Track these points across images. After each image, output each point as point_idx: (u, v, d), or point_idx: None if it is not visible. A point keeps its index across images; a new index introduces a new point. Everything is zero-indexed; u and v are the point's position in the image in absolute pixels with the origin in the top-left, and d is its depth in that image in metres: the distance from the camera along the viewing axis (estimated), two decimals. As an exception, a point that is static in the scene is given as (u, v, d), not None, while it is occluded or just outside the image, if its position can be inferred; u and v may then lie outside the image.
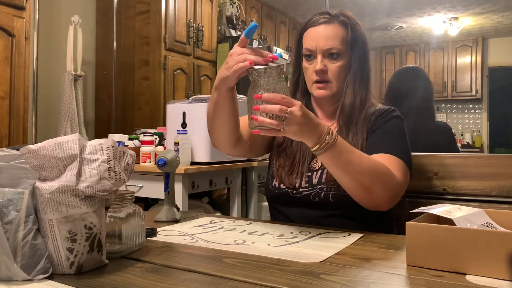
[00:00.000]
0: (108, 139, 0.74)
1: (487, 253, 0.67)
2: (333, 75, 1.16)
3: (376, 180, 0.99)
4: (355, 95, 1.17)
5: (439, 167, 1.33)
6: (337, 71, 1.16)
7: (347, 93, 1.17)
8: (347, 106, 1.17)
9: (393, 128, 1.15)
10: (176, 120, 2.47)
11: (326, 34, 1.15)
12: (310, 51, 1.17)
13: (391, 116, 1.18)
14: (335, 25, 1.17)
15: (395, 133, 1.15)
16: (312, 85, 1.18)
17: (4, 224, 0.64)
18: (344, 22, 1.17)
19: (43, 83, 3.28)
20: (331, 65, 1.15)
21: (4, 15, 2.67)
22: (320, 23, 1.17)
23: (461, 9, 5.35)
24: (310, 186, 1.14)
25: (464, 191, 1.29)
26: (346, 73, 1.17)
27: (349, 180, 0.99)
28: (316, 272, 0.71)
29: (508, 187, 1.24)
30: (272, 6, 5.30)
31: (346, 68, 1.17)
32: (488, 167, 1.27)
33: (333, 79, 1.16)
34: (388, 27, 6.10)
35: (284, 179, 1.17)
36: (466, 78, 6.33)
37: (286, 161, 1.20)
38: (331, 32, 1.16)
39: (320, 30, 1.16)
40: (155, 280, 0.67)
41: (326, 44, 1.14)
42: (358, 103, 1.17)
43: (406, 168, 1.08)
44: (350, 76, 1.17)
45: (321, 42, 1.15)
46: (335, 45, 1.15)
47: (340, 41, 1.15)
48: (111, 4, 3.75)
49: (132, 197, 0.84)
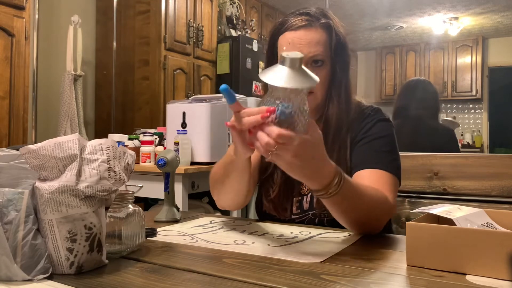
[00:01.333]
0: (108, 139, 0.74)
1: (487, 253, 0.67)
2: (317, 85, 1.03)
3: (373, 217, 0.93)
4: (340, 107, 1.07)
5: (439, 167, 1.33)
6: (322, 81, 1.04)
7: (331, 106, 1.08)
8: (332, 120, 1.07)
9: (379, 134, 1.07)
10: (176, 120, 2.47)
11: (308, 41, 1.03)
12: None
13: (376, 120, 1.09)
14: (317, 29, 1.05)
15: (382, 140, 1.07)
16: None
17: (4, 224, 0.64)
18: (327, 25, 1.06)
19: (43, 83, 3.28)
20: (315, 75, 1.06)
21: (4, 15, 2.67)
22: (299, 27, 1.04)
23: (461, 9, 5.35)
24: (301, 213, 1.11)
25: (464, 191, 1.29)
26: (330, 81, 1.08)
27: (346, 218, 0.92)
28: (316, 272, 0.71)
29: (508, 187, 1.24)
30: (272, 6, 5.30)
31: (329, 76, 1.07)
32: (488, 167, 1.27)
33: (317, 90, 1.05)
34: (388, 27, 6.10)
35: (274, 210, 1.11)
36: (466, 78, 6.33)
37: (274, 191, 1.11)
38: (314, 37, 1.04)
39: (300, 35, 1.04)
40: (155, 280, 0.67)
41: (310, 51, 1.03)
42: (344, 114, 1.08)
43: (396, 182, 1.03)
44: (334, 86, 1.08)
45: (303, 49, 1.03)
46: (319, 51, 1.04)
47: (323, 47, 1.04)
48: (111, 4, 3.75)
49: (132, 197, 0.84)
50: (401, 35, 6.44)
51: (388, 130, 1.10)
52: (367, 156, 1.05)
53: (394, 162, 1.05)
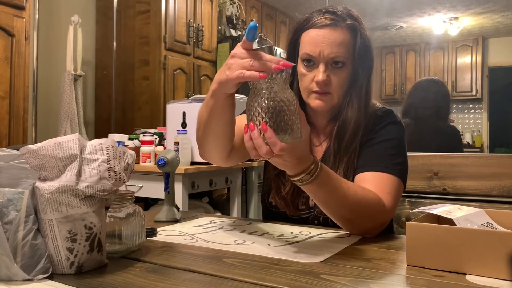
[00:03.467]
0: (108, 139, 0.74)
1: (487, 253, 0.67)
2: (335, 86, 1.04)
3: (360, 215, 0.93)
4: (360, 111, 1.06)
5: (439, 167, 1.33)
6: (341, 83, 1.04)
7: (351, 109, 1.06)
8: (351, 123, 1.06)
9: (386, 137, 1.07)
10: (176, 120, 2.48)
11: (332, 40, 1.02)
12: (311, 57, 1.03)
13: (386, 122, 1.09)
14: (342, 30, 1.03)
15: (388, 143, 1.06)
16: (310, 95, 1.06)
17: (4, 224, 0.64)
18: (352, 27, 1.04)
19: (43, 83, 3.28)
20: (335, 76, 1.03)
21: (4, 15, 2.67)
22: (324, 25, 1.03)
23: (461, 9, 5.36)
24: (307, 209, 1.11)
25: (464, 191, 1.29)
26: (349, 84, 1.06)
27: (329, 212, 0.94)
28: (316, 272, 0.71)
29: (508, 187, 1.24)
30: (272, 6, 5.30)
31: (349, 78, 1.06)
32: (488, 167, 1.27)
33: (334, 91, 1.05)
34: (388, 27, 6.10)
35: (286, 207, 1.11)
36: (466, 78, 6.33)
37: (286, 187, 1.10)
38: (338, 38, 1.02)
39: (324, 34, 1.02)
40: (155, 280, 0.67)
41: (332, 51, 1.01)
42: (363, 119, 1.07)
43: (398, 185, 1.02)
44: (355, 90, 1.06)
45: (326, 49, 1.01)
46: (341, 53, 1.02)
47: (346, 49, 1.03)
48: (111, 4, 3.75)
49: (132, 197, 0.84)
50: (401, 35, 6.45)
51: (396, 133, 1.09)
52: (370, 159, 1.04)
53: (398, 165, 1.04)
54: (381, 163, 1.02)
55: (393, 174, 1.01)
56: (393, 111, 1.13)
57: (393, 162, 1.03)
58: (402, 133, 1.10)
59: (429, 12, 5.49)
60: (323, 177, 0.86)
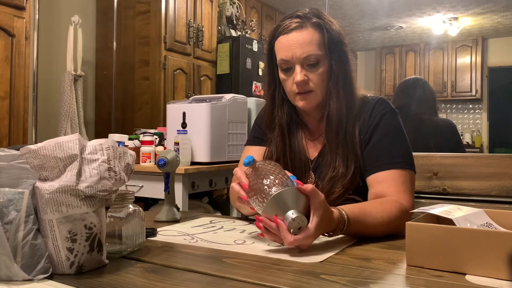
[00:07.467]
0: (108, 139, 0.74)
1: (487, 253, 0.67)
2: (315, 84, 1.08)
3: (392, 228, 0.97)
4: (340, 103, 1.09)
5: (439, 167, 1.33)
6: (319, 79, 1.08)
7: (331, 102, 1.10)
8: (334, 117, 1.10)
9: (387, 130, 1.10)
10: (176, 120, 2.47)
11: (300, 41, 1.06)
12: (286, 62, 1.08)
13: (382, 114, 1.11)
14: (308, 30, 1.07)
15: (390, 136, 1.09)
16: (295, 97, 1.11)
17: (4, 224, 0.64)
18: (318, 24, 1.08)
19: (43, 83, 3.28)
20: (312, 74, 1.07)
21: (4, 15, 2.67)
22: (292, 29, 1.07)
23: (461, 9, 5.36)
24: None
25: (464, 191, 1.30)
26: (329, 79, 1.10)
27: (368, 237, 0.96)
28: (316, 272, 0.71)
29: (508, 187, 1.24)
30: (272, 6, 5.30)
31: (328, 73, 1.09)
32: (488, 167, 1.27)
33: (316, 88, 1.09)
34: (388, 27, 6.10)
35: None
36: (466, 78, 6.33)
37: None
38: (306, 38, 1.06)
39: (292, 37, 1.07)
40: (155, 280, 0.67)
41: (303, 52, 1.06)
42: (345, 110, 1.10)
43: (411, 176, 1.06)
44: (332, 82, 1.09)
45: (296, 50, 1.06)
46: (313, 51, 1.06)
47: (317, 46, 1.07)
48: (111, 4, 3.75)
49: (132, 197, 0.84)
50: (401, 35, 6.45)
51: (393, 122, 1.12)
52: (379, 157, 1.08)
53: (405, 156, 1.08)
54: (389, 160, 1.06)
55: (403, 169, 1.05)
56: (385, 99, 1.16)
57: (400, 155, 1.07)
58: (399, 119, 1.14)
59: (428, 12, 5.49)
60: (350, 227, 0.90)
